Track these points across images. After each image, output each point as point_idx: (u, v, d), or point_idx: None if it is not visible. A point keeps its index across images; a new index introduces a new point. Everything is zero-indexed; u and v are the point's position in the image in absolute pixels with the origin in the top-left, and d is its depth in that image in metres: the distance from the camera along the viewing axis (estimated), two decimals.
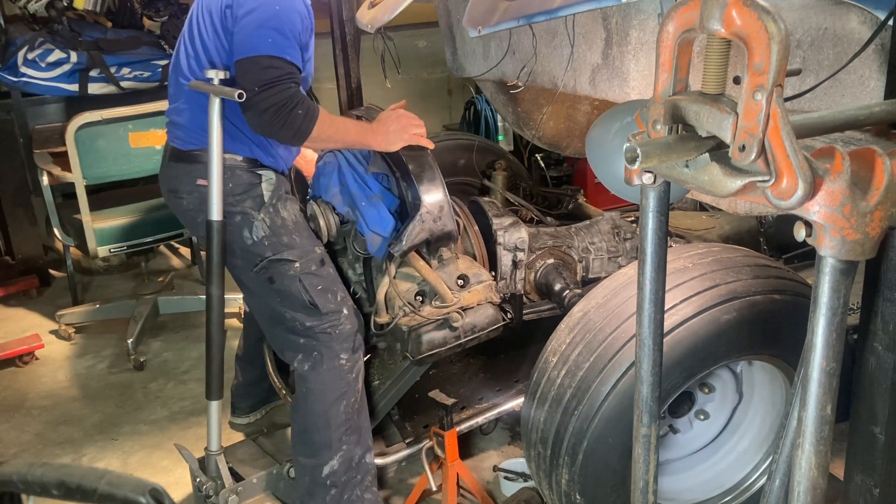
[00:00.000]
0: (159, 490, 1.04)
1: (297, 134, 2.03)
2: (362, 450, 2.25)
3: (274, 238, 2.16)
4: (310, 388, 2.19)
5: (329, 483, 2.20)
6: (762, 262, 2.02)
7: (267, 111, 1.97)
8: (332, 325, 2.18)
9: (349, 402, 2.21)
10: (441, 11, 3.05)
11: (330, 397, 2.18)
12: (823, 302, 1.04)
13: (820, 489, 1.11)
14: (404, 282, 2.21)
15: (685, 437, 2.28)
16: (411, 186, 2.18)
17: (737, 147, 1.03)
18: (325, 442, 2.19)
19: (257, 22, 1.98)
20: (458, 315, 2.18)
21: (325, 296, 2.19)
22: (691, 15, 1.07)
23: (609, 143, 2.10)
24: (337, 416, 2.18)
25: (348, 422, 2.21)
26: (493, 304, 2.27)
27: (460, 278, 2.24)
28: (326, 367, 2.18)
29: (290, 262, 2.16)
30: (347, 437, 2.21)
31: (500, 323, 2.28)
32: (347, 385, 2.20)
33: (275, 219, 2.17)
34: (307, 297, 2.16)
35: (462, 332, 2.21)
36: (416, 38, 5.30)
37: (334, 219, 2.27)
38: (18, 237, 4.23)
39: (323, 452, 2.19)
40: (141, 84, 4.12)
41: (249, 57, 1.98)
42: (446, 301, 2.18)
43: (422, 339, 2.18)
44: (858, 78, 1.70)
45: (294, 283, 2.16)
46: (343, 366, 2.19)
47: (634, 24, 2.03)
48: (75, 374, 3.46)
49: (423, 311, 2.19)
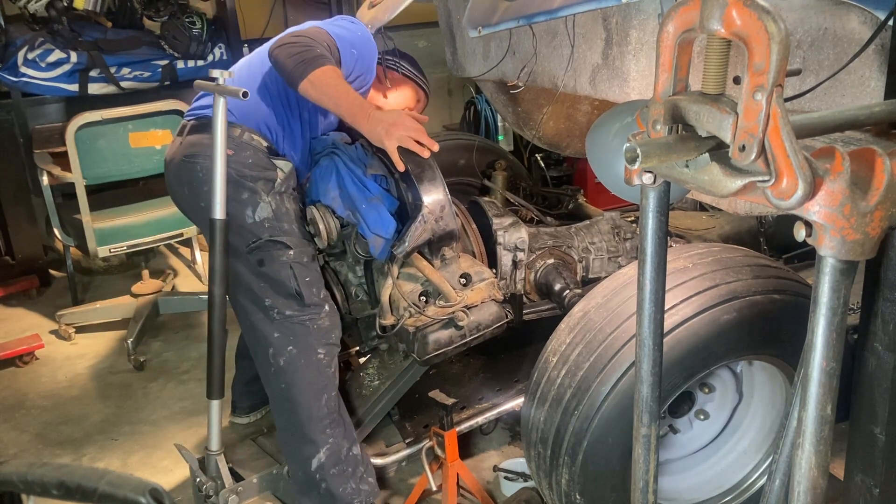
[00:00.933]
0: (159, 490, 1.04)
1: (302, 66, 2.07)
2: (349, 442, 2.27)
3: (275, 222, 2.19)
4: (289, 382, 2.20)
5: (318, 477, 2.21)
6: (762, 262, 2.02)
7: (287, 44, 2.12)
8: (312, 319, 2.19)
9: (330, 396, 2.23)
10: (441, 11, 3.06)
11: (311, 391, 2.19)
12: (823, 302, 1.04)
13: (820, 489, 1.11)
14: (407, 283, 2.21)
15: (685, 437, 2.28)
16: (412, 187, 2.18)
17: (737, 147, 1.03)
18: (309, 436, 2.20)
19: None
20: (463, 314, 2.18)
21: (311, 289, 2.20)
22: (691, 15, 1.07)
23: (609, 143, 2.10)
24: (319, 409, 2.20)
25: (331, 415, 2.22)
26: (496, 301, 2.27)
27: (463, 277, 2.24)
28: (305, 361, 2.19)
29: (286, 248, 2.18)
30: (332, 429, 2.22)
31: (505, 320, 2.27)
32: (327, 379, 2.23)
33: (280, 206, 2.21)
34: (294, 285, 2.17)
35: (468, 330, 2.21)
36: (416, 38, 5.30)
37: (334, 222, 2.27)
38: (18, 237, 4.23)
39: (307, 447, 2.21)
40: (141, 84, 4.13)
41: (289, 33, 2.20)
42: (451, 300, 2.18)
43: (428, 339, 2.18)
44: (858, 78, 1.70)
45: (284, 269, 2.17)
46: (322, 360, 2.21)
47: (634, 24, 2.03)
48: (75, 374, 3.46)
49: (428, 311, 2.18)
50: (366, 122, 2.11)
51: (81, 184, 3.36)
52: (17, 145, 4.03)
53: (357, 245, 2.27)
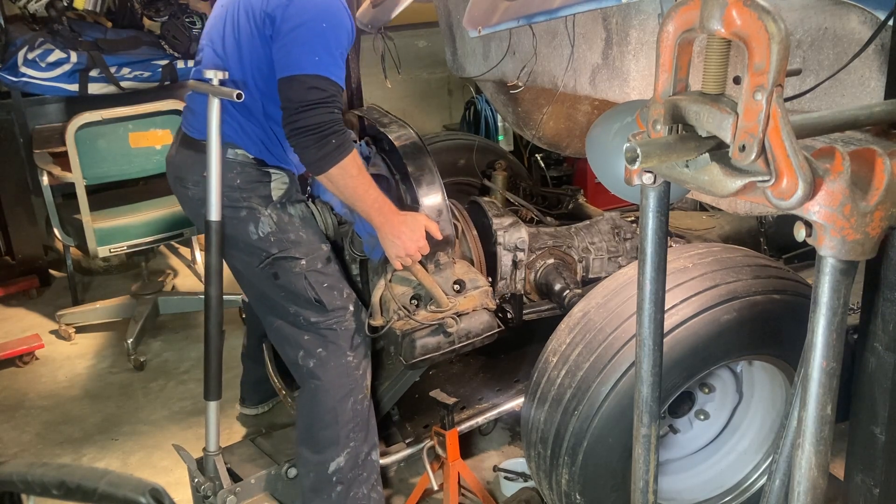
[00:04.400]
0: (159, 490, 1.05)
1: (321, 160, 1.96)
2: (369, 447, 2.25)
3: (280, 234, 2.15)
4: (318, 384, 2.18)
5: (335, 480, 2.20)
6: (762, 262, 2.02)
7: (305, 130, 1.93)
8: (338, 322, 2.18)
9: (357, 399, 2.20)
10: (441, 11, 3.06)
11: (338, 394, 2.17)
12: (823, 302, 1.04)
13: (820, 489, 1.11)
14: (400, 285, 2.21)
15: (685, 437, 2.28)
16: (410, 189, 2.18)
17: (737, 147, 1.03)
18: (332, 439, 2.18)
19: (304, 38, 1.94)
20: (452, 320, 2.18)
21: (332, 293, 2.18)
22: (691, 15, 1.07)
23: (609, 143, 2.09)
24: (345, 412, 2.18)
25: (356, 418, 2.20)
26: (488, 310, 2.26)
27: (457, 283, 2.23)
28: (334, 363, 2.18)
29: (296, 260, 2.15)
30: (355, 434, 2.21)
31: (496, 329, 2.26)
32: (355, 382, 2.20)
33: (282, 215, 2.17)
34: (313, 295, 2.15)
35: (456, 337, 2.20)
36: (416, 38, 5.31)
37: (332, 219, 2.27)
38: (18, 237, 4.23)
39: (330, 449, 2.19)
40: (141, 84, 4.12)
41: (294, 75, 1.93)
42: (442, 306, 2.17)
43: (415, 343, 2.18)
44: (858, 78, 1.70)
45: (300, 281, 2.15)
46: (350, 362, 2.19)
47: (634, 24, 2.03)
48: (75, 374, 3.46)
49: (418, 315, 2.18)
50: (382, 223, 2.07)
51: (81, 184, 3.36)
52: (17, 145, 4.03)
53: (352, 244, 2.27)
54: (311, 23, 1.94)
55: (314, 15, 1.94)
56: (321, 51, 1.93)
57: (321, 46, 1.93)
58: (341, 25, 1.98)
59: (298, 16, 1.95)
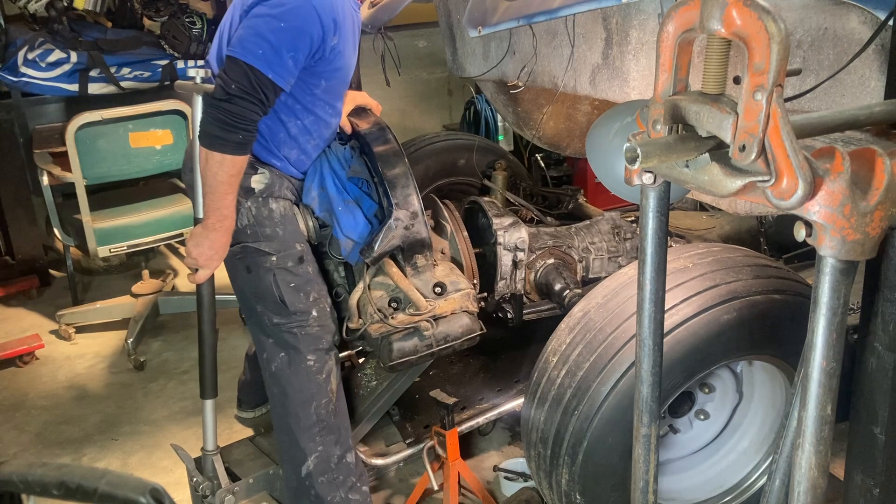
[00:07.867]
0: (159, 490, 1.05)
1: (217, 140, 1.96)
2: (342, 450, 2.24)
3: (257, 227, 2.15)
4: (281, 388, 2.19)
5: (307, 484, 2.20)
6: (762, 262, 2.02)
7: (225, 110, 1.94)
8: (299, 326, 2.16)
9: (320, 403, 2.19)
10: (441, 11, 3.06)
11: (299, 398, 2.17)
12: (823, 302, 1.04)
13: (820, 489, 1.11)
14: (378, 289, 2.20)
15: (685, 437, 2.28)
16: (386, 192, 2.19)
17: (737, 147, 1.03)
18: (296, 443, 2.19)
19: (258, 29, 1.97)
20: (427, 324, 2.17)
21: (297, 294, 2.16)
22: (691, 15, 1.07)
23: (609, 143, 2.10)
24: (307, 417, 2.17)
25: (321, 422, 2.19)
26: (468, 313, 2.25)
27: (437, 286, 2.22)
28: (294, 369, 2.17)
29: (267, 255, 2.14)
30: (322, 437, 2.20)
31: (476, 333, 2.26)
32: (317, 386, 2.19)
33: (261, 209, 2.15)
34: (277, 293, 2.14)
35: (434, 340, 2.20)
36: (416, 38, 5.30)
37: (313, 222, 2.26)
38: (18, 237, 4.23)
39: (296, 453, 2.19)
40: (141, 84, 4.12)
41: (236, 58, 1.96)
42: (420, 309, 2.17)
43: (392, 346, 2.18)
44: (858, 78, 1.70)
45: (267, 276, 2.14)
46: (311, 367, 2.18)
47: (634, 24, 2.03)
48: (75, 374, 3.46)
49: (396, 318, 2.17)
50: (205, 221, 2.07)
51: (81, 184, 3.36)
52: (17, 145, 4.02)
53: (331, 246, 2.27)
54: (271, 19, 1.97)
55: (279, 13, 1.97)
56: (267, 47, 1.95)
57: (269, 43, 1.95)
58: (302, 30, 1.99)
59: (266, 9, 1.99)
